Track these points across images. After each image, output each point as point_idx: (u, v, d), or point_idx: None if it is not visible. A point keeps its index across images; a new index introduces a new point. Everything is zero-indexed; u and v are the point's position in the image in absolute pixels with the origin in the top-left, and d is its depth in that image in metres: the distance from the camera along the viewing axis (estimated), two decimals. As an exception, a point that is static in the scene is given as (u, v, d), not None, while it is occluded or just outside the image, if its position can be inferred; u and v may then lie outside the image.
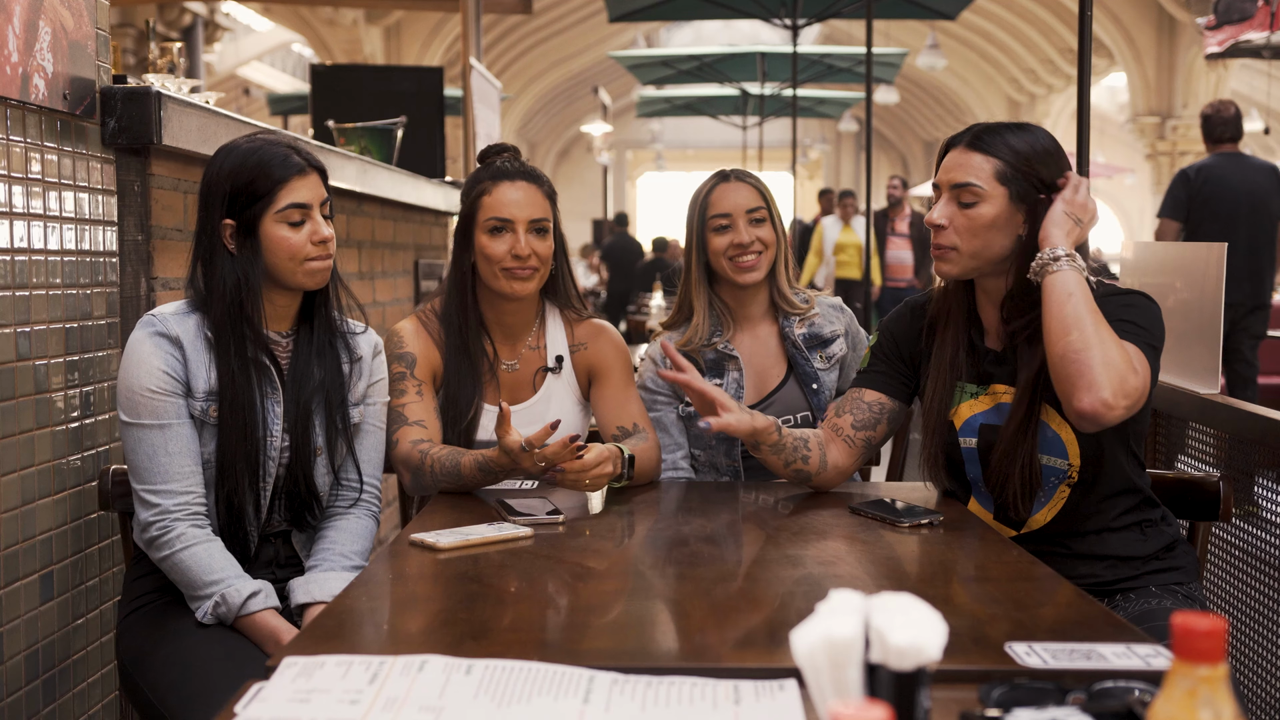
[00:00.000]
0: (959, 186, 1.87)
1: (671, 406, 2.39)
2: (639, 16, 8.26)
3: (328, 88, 5.26)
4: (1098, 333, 1.72)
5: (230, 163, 1.86)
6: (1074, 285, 1.76)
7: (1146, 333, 1.80)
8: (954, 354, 1.96)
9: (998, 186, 1.86)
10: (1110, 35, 14.88)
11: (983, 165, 1.86)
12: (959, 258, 1.88)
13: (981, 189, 1.86)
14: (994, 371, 1.93)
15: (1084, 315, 1.73)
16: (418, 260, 4.34)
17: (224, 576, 1.79)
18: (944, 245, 1.88)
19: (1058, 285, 1.77)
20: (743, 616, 1.42)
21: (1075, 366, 1.71)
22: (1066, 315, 1.74)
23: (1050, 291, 1.77)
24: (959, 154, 1.89)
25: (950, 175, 1.89)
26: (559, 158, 27.31)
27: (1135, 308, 1.84)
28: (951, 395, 1.95)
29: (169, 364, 1.82)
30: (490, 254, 2.15)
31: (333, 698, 1.10)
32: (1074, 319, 1.74)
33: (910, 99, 23.23)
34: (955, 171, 1.88)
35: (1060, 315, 1.75)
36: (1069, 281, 1.77)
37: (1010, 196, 1.86)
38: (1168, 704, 0.78)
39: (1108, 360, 1.70)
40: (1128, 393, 1.70)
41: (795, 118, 9.12)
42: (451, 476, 2.03)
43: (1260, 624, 2.52)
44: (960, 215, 1.87)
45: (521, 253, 2.13)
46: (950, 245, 1.88)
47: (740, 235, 2.32)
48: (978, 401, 1.93)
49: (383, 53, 15.95)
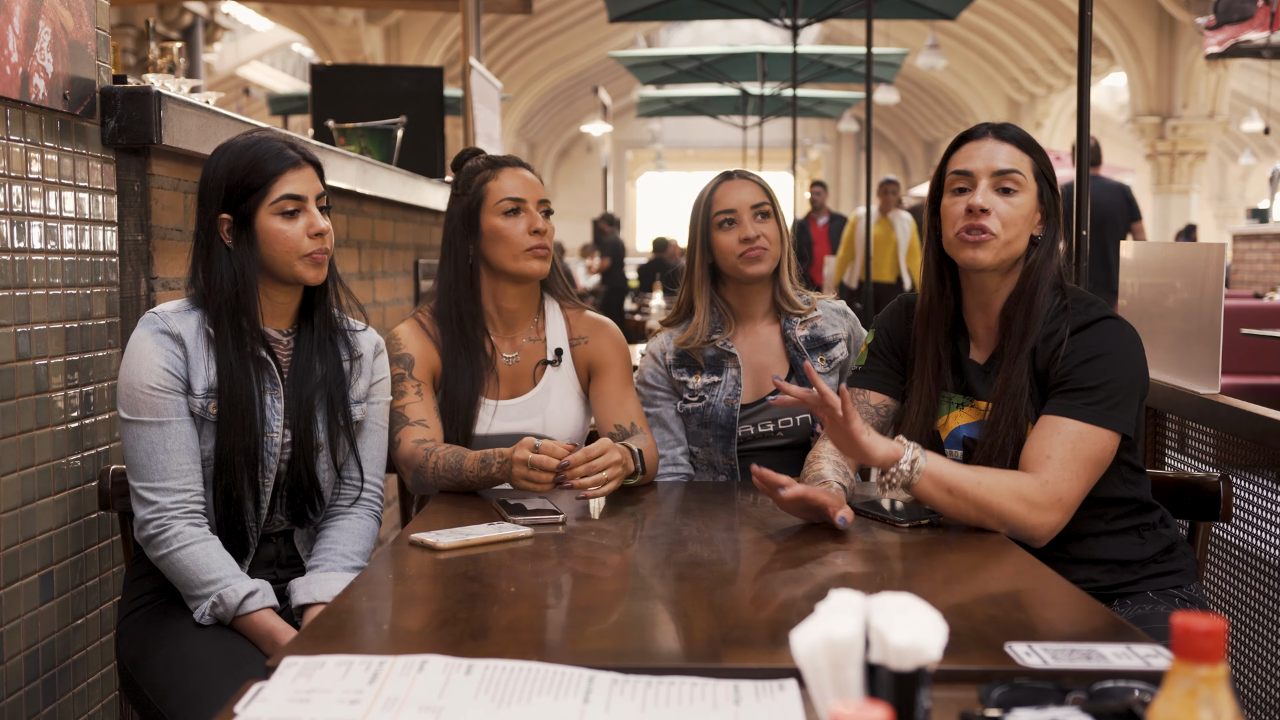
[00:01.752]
0: (1002, 173, 1.86)
1: (671, 403, 2.39)
2: (639, 16, 8.26)
3: (328, 88, 5.26)
4: (993, 489, 1.73)
5: (227, 158, 1.87)
6: (942, 482, 1.74)
7: (1106, 394, 1.78)
8: (937, 364, 1.95)
9: (1032, 181, 1.88)
10: (1110, 35, 14.88)
11: (1022, 158, 1.87)
12: (997, 245, 1.85)
13: (1023, 178, 1.87)
14: (977, 386, 1.93)
15: (970, 495, 1.73)
16: (418, 260, 4.34)
17: (221, 576, 1.79)
18: (987, 230, 1.84)
19: (929, 491, 1.74)
20: (743, 616, 1.42)
21: (1006, 528, 1.74)
22: (964, 510, 1.74)
23: (928, 499, 1.76)
24: (991, 144, 1.88)
25: (993, 163, 1.87)
26: (559, 158, 27.31)
27: (1097, 360, 1.80)
28: (938, 405, 1.95)
29: (170, 361, 1.83)
30: (509, 235, 2.19)
31: (333, 698, 1.10)
32: (973, 507, 1.74)
33: (910, 99, 23.23)
34: (996, 159, 1.87)
35: (956, 510, 1.75)
36: (931, 484, 1.74)
37: (1038, 193, 1.88)
38: (1168, 704, 0.78)
39: (1017, 498, 1.73)
40: (1064, 504, 1.74)
41: (795, 118, 9.12)
42: (453, 475, 2.03)
43: (1260, 624, 2.52)
44: (1003, 202, 1.86)
45: (541, 228, 2.19)
46: (993, 231, 1.85)
47: (746, 229, 2.32)
48: (963, 413, 1.93)
49: (383, 53, 15.95)
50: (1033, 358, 1.85)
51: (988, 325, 1.93)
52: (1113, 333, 1.83)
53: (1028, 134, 1.93)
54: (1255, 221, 9.10)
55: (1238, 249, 9.18)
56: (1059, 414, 1.79)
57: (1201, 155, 15.45)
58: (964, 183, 1.89)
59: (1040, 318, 1.86)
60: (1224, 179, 24.84)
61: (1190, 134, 15.07)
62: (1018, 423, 1.83)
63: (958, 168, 1.90)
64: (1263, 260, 8.81)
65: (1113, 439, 1.79)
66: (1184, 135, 15.08)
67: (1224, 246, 2.64)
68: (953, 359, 1.96)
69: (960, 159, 1.90)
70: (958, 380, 1.95)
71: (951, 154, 1.93)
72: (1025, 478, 1.75)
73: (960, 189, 1.89)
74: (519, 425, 2.22)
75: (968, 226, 1.86)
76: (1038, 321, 1.85)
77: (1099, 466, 1.79)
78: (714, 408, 2.35)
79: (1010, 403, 1.84)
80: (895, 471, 1.73)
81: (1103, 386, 1.78)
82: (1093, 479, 1.79)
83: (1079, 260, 2.80)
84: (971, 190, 1.87)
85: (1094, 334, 1.83)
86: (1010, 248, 1.86)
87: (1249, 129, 16.77)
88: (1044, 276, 1.88)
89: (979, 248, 1.85)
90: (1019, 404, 1.84)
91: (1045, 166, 1.91)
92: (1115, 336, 1.83)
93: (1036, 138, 1.97)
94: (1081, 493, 1.77)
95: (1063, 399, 1.80)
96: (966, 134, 1.94)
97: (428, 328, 2.23)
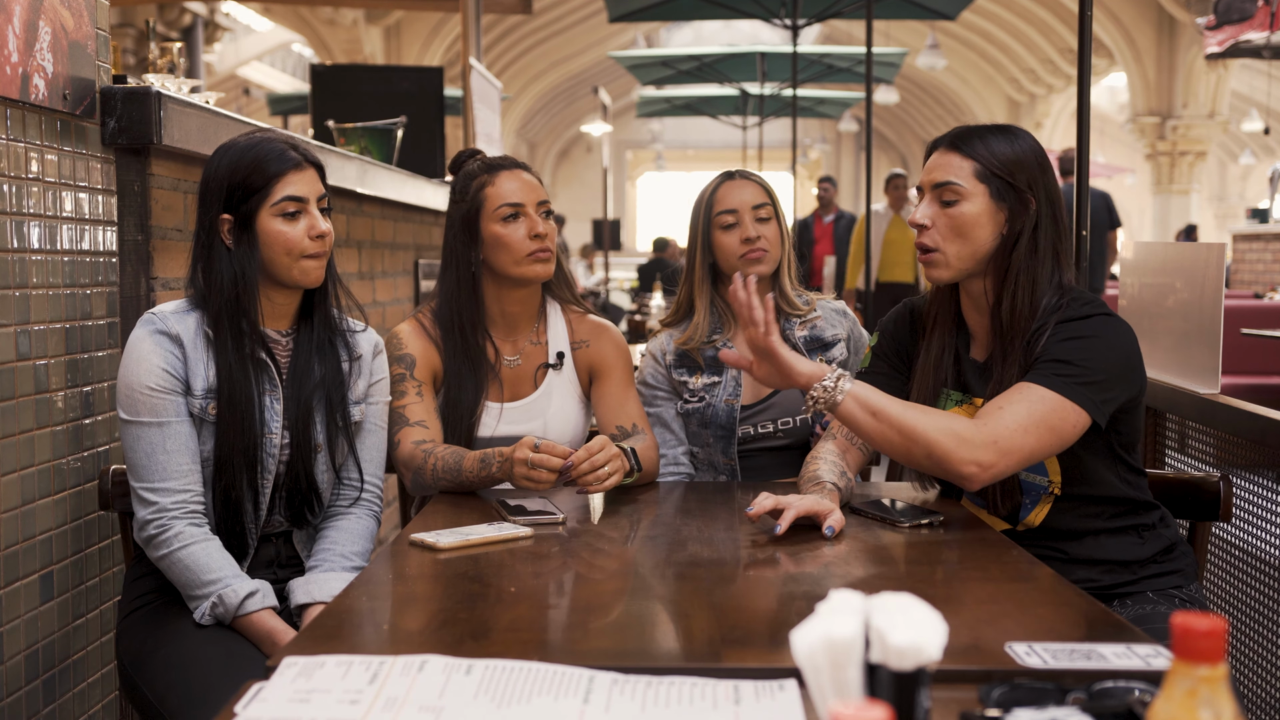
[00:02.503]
0: (939, 186, 1.88)
1: (671, 403, 2.39)
2: (639, 16, 8.26)
3: (328, 88, 5.26)
4: (922, 417, 1.73)
5: (228, 159, 1.87)
6: (867, 404, 1.73)
7: (1079, 370, 1.76)
8: (939, 360, 1.96)
9: (978, 185, 1.87)
10: (1110, 35, 14.88)
11: (962, 165, 1.87)
12: (945, 260, 1.88)
13: (961, 187, 1.86)
14: (975, 384, 1.93)
15: (896, 419, 1.72)
16: (418, 260, 4.34)
17: (221, 576, 1.79)
18: (928, 247, 1.88)
19: (854, 413, 1.74)
20: (743, 616, 1.42)
21: (932, 460, 1.73)
22: (889, 436, 1.74)
23: (852, 422, 1.75)
24: (940, 155, 1.91)
25: (931, 175, 1.90)
26: (559, 158, 27.31)
27: (1078, 340, 1.79)
28: (937, 403, 1.95)
29: (169, 362, 1.83)
30: (509, 241, 2.17)
31: (333, 698, 1.10)
32: (896, 432, 1.73)
33: (910, 99, 23.23)
34: (936, 172, 1.89)
35: (881, 435, 1.74)
36: (855, 405, 1.74)
37: (991, 194, 1.87)
38: (1168, 704, 0.78)
39: (947, 431, 1.71)
40: (999, 446, 1.71)
41: (795, 118, 9.11)
42: (453, 475, 2.03)
43: (1260, 624, 2.52)
44: (942, 215, 1.88)
45: (541, 231, 2.17)
46: (934, 246, 1.88)
47: (747, 230, 2.33)
48: (962, 410, 1.93)
49: (383, 53, 15.94)
50: (1025, 355, 1.84)
51: (983, 325, 1.94)
52: (1101, 324, 1.82)
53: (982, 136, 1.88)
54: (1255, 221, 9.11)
55: (1238, 249, 9.19)
56: (1027, 380, 1.77)
57: (1201, 155, 15.46)
58: (920, 197, 1.93)
59: (1025, 314, 1.84)
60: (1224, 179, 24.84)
61: (1190, 134, 15.07)
62: None
63: (919, 182, 1.94)
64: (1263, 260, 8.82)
65: (1077, 414, 1.74)
66: (1184, 135, 15.07)
67: (1224, 246, 2.64)
68: (954, 356, 1.96)
69: (922, 173, 1.94)
70: (958, 377, 1.95)
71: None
72: (963, 419, 1.76)
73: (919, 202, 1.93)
74: (520, 428, 2.22)
75: (918, 244, 1.91)
76: (1023, 318, 1.84)
77: (1054, 434, 1.74)
78: (714, 408, 2.35)
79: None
80: (819, 390, 1.73)
81: (1077, 363, 1.76)
82: (1043, 442, 1.74)
83: (1079, 260, 2.80)
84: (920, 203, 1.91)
85: (1083, 323, 1.82)
86: (967, 257, 1.87)
87: (1249, 129, 16.77)
88: (1035, 274, 1.85)
89: (930, 267, 1.90)
90: None
91: (997, 166, 1.86)
92: (1102, 326, 1.82)
93: (1037, 138, 1.96)
94: (1024, 448, 1.73)
95: (1035, 370, 1.79)
96: (930, 145, 1.96)
97: (429, 328, 2.23)
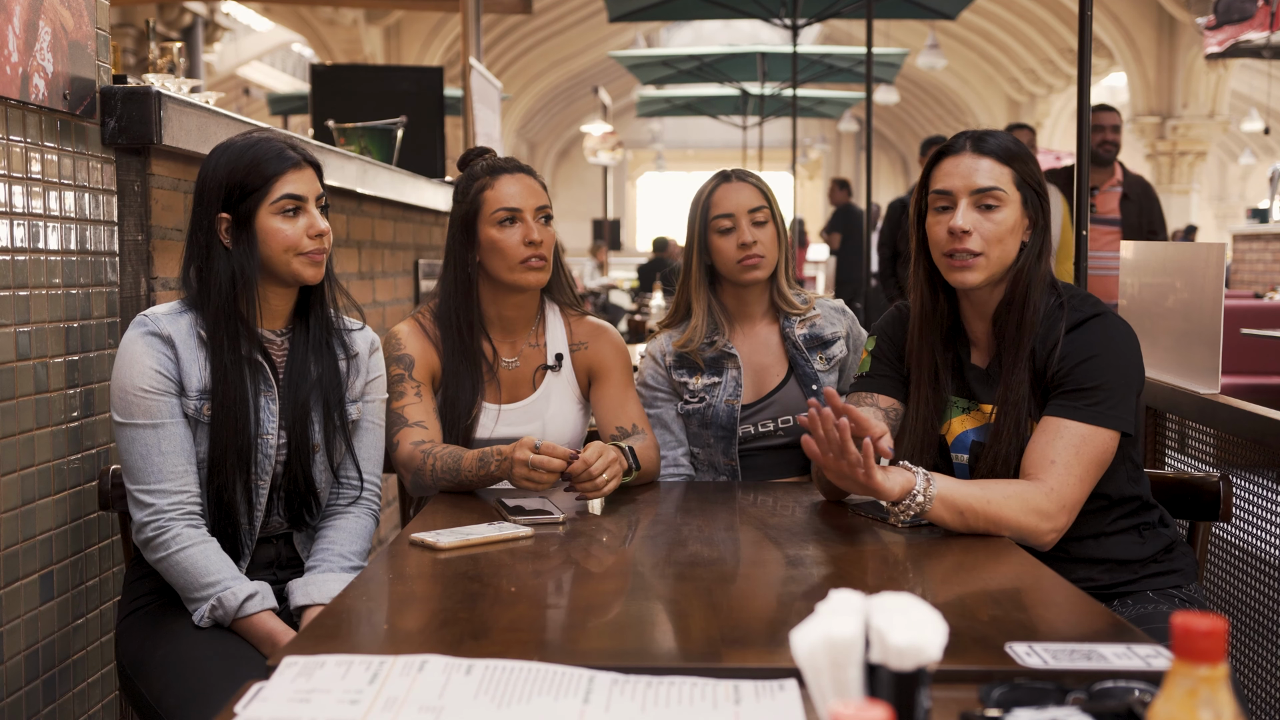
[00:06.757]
0: (982, 191, 1.83)
1: (671, 404, 2.39)
2: (639, 16, 8.25)
3: (328, 88, 5.26)
4: (1003, 505, 1.73)
5: (226, 158, 1.86)
6: (953, 505, 1.72)
7: (1104, 393, 1.78)
8: (934, 372, 1.94)
9: (1015, 191, 1.85)
10: (1110, 35, 14.87)
11: (1002, 172, 1.84)
12: (986, 265, 1.84)
13: (1005, 193, 1.84)
14: (979, 390, 1.92)
15: (981, 513, 1.72)
16: (418, 260, 4.34)
17: (221, 579, 1.79)
18: (973, 252, 1.83)
19: (941, 516, 1.73)
20: (743, 616, 1.42)
21: (1018, 538, 1.75)
22: (975, 527, 1.74)
23: (940, 523, 1.74)
24: (969, 160, 1.85)
25: (970, 180, 1.84)
26: (559, 158, 27.31)
27: (1091, 361, 1.80)
28: (942, 410, 1.94)
29: (161, 363, 1.82)
30: (503, 246, 2.16)
31: (333, 698, 1.10)
32: (984, 524, 1.73)
33: (910, 99, 23.22)
34: (975, 176, 1.84)
35: (968, 529, 1.74)
36: (944, 509, 1.72)
37: (1023, 202, 1.86)
38: (1168, 704, 0.78)
39: (1027, 510, 1.73)
40: (1069, 509, 1.76)
41: (795, 118, 9.11)
42: (452, 475, 2.03)
43: (1260, 624, 2.52)
44: (985, 220, 1.84)
45: (535, 239, 2.15)
46: (979, 252, 1.83)
47: (744, 235, 2.32)
48: (969, 417, 1.92)
49: (383, 53, 15.94)
50: (1031, 359, 1.85)
51: (985, 330, 1.93)
52: (1106, 330, 1.84)
53: (1009, 142, 1.88)
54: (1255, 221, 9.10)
55: (1238, 249, 9.19)
56: (1060, 416, 1.79)
57: (1201, 155, 15.46)
58: (945, 201, 1.86)
59: (1034, 321, 1.85)
60: (1224, 179, 24.83)
61: (1190, 134, 15.07)
62: (1020, 427, 1.84)
63: (938, 186, 1.87)
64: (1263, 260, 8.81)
65: (1114, 438, 1.80)
66: (1184, 135, 15.07)
67: (1224, 246, 2.64)
68: (954, 364, 1.95)
69: (940, 176, 1.88)
70: (960, 385, 1.95)
71: (932, 169, 1.90)
72: (1031, 487, 1.75)
73: (943, 208, 1.87)
74: (518, 430, 2.22)
75: (951, 250, 1.84)
76: (1031, 325, 1.85)
77: (1101, 467, 1.79)
78: (714, 408, 2.35)
79: (1013, 411, 1.84)
80: (913, 504, 1.71)
81: (1101, 387, 1.79)
82: (1095, 480, 1.80)
83: (1079, 260, 2.80)
84: (953, 210, 1.85)
85: (1088, 332, 1.83)
86: (1000, 263, 1.85)
87: (1249, 129, 16.77)
88: (1035, 281, 1.87)
89: (966, 271, 1.84)
90: (1021, 411, 1.84)
91: (1028, 174, 1.87)
92: (1109, 333, 1.84)
93: (1037, 138, 1.95)
94: (1084, 495, 1.78)
95: (1063, 400, 1.80)
96: (945, 147, 1.90)
97: (428, 328, 2.23)
